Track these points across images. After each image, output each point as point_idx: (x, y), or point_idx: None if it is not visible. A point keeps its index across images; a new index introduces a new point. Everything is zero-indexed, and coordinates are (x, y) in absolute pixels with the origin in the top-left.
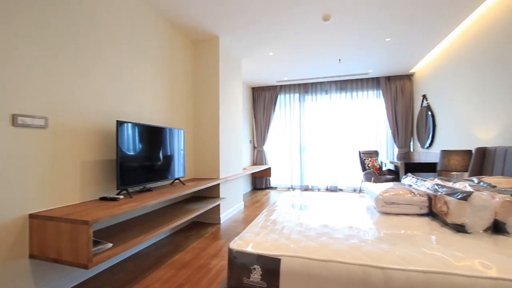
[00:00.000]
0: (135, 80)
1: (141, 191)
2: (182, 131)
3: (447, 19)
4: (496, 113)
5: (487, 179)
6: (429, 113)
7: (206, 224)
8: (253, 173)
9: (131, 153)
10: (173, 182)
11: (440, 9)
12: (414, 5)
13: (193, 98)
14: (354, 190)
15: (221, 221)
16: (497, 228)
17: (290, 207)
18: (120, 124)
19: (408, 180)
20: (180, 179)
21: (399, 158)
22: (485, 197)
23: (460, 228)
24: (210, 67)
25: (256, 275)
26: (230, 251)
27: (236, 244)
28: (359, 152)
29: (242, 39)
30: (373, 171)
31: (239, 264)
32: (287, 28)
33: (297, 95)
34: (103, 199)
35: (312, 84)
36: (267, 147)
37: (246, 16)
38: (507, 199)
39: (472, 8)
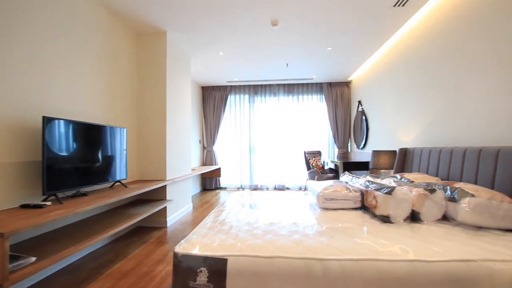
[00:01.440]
0: (69, 72)
1: (74, 196)
2: (124, 129)
3: (377, 35)
4: (415, 119)
5: (407, 175)
6: (363, 117)
7: (152, 228)
8: (202, 174)
9: (63, 153)
10: (113, 184)
11: (372, 27)
12: (350, 20)
13: (137, 95)
14: (300, 188)
15: (168, 225)
16: (414, 217)
17: (239, 206)
18: (48, 120)
19: (345, 177)
20: (122, 181)
21: (338, 157)
22: (405, 191)
23: (385, 219)
24: (156, 63)
25: (202, 278)
26: (175, 255)
27: (182, 248)
28: (304, 152)
29: (192, 36)
30: (316, 170)
31: (185, 267)
32: (237, 29)
33: (247, 96)
34: (25, 206)
35: (261, 86)
36: (217, 147)
37: (195, 14)
38: (421, 192)
39: (397, 27)
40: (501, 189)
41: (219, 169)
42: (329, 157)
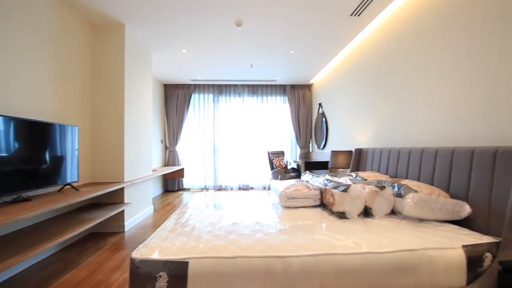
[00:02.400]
0: (8, 63)
1: (14, 202)
2: (76, 127)
3: (336, 42)
4: (369, 121)
5: (361, 173)
6: (324, 119)
7: (107, 234)
8: (164, 175)
9: (1, 154)
10: (62, 188)
11: (331, 34)
12: (311, 26)
13: (91, 90)
14: (264, 188)
15: (126, 229)
16: (366, 212)
17: (202, 207)
18: None
19: (306, 177)
20: (73, 184)
21: (300, 157)
22: (359, 188)
23: (342, 215)
24: (113, 57)
25: (161, 283)
26: (132, 261)
27: (140, 253)
28: (268, 152)
29: (153, 31)
30: (279, 169)
31: (143, 274)
32: (200, 27)
33: (211, 96)
34: None
35: (226, 86)
36: (180, 148)
37: (156, 8)
38: (373, 189)
39: (354, 35)
40: (439, 185)
41: (182, 169)
42: (292, 157)
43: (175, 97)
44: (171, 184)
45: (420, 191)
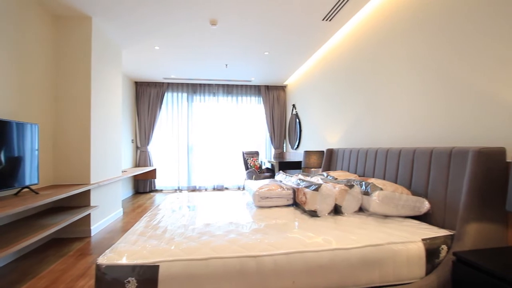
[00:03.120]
0: None
1: None
2: (36, 126)
3: (309, 45)
4: (339, 123)
5: (332, 173)
6: (297, 120)
7: (72, 239)
8: (135, 176)
9: None
10: (19, 191)
11: (304, 37)
12: (285, 28)
13: (54, 86)
14: (239, 188)
15: (93, 234)
16: (336, 210)
17: (175, 209)
18: None
19: (280, 176)
20: (32, 187)
21: (275, 157)
22: (329, 187)
23: (313, 214)
24: (79, 52)
25: None
26: (98, 267)
27: (106, 258)
28: (243, 152)
29: (123, 26)
30: (254, 169)
31: (110, 280)
32: (174, 24)
33: (185, 95)
34: None
35: (200, 85)
36: (152, 148)
37: (125, 2)
38: (343, 188)
39: (326, 39)
40: (402, 183)
41: (154, 170)
42: (266, 157)
43: (147, 96)
44: (143, 185)
45: (385, 189)
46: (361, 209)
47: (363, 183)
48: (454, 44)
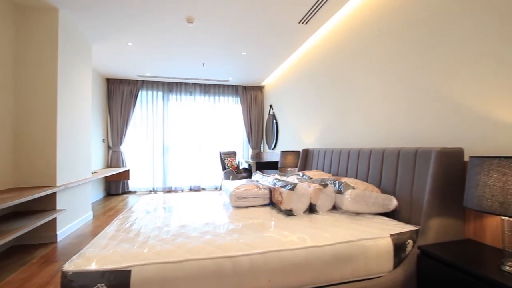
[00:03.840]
0: None
1: None
2: None
3: (285, 47)
4: (315, 123)
5: (307, 172)
6: (274, 120)
7: (36, 246)
8: (106, 177)
9: None
10: None
11: (280, 39)
12: (262, 29)
13: (15, 81)
14: (216, 189)
15: (59, 239)
16: (311, 209)
17: (150, 211)
18: None
19: (257, 176)
20: None
21: (252, 157)
22: (305, 186)
23: (289, 213)
24: (44, 44)
25: None
26: (64, 274)
27: (74, 265)
28: (220, 152)
29: (93, 20)
30: (231, 170)
31: None
32: (148, 20)
33: (160, 93)
34: None
35: (177, 83)
36: (125, 147)
37: None
38: (317, 187)
39: (301, 42)
40: (373, 181)
41: (127, 171)
42: (244, 157)
43: (120, 93)
44: (115, 187)
45: (357, 187)
46: (334, 207)
47: (337, 182)
48: (418, 52)
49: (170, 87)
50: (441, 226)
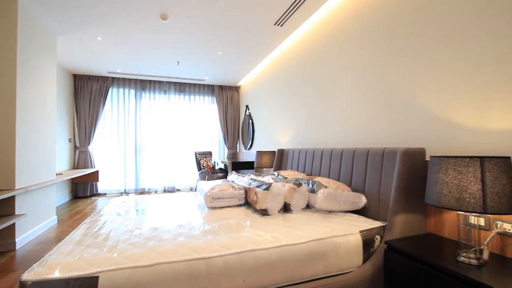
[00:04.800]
0: None
1: None
2: None
3: (261, 48)
4: (290, 124)
5: (282, 172)
6: (250, 121)
7: None
8: (73, 179)
9: None
10: None
11: (256, 40)
12: (238, 29)
13: None
14: (191, 189)
15: (18, 246)
16: (286, 208)
17: (121, 213)
18: None
19: (232, 177)
20: None
21: (228, 157)
22: (279, 186)
23: (264, 212)
24: (1, 37)
25: None
26: (23, 284)
27: (33, 273)
28: (195, 152)
29: (57, 10)
30: (207, 170)
31: None
32: (118, 14)
33: (133, 91)
34: None
35: (150, 81)
36: (94, 148)
37: None
38: (291, 186)
39: (277, 44)
40: (344, 180)
41: (96, 172)
42: (220, 158)
43: (88, 90)
44: (82, 189)
45: (329, 186)
46: (308, 206)
47: (310, 181)
48: (386, 59)
49: (143, 85)
50: (405, 221)
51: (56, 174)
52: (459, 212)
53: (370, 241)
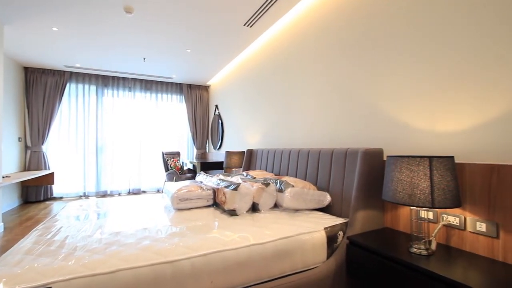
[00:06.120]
0: None
1: None
2: None
3: (230, 49)
4: (259, 124)
5: (251, 172)
6: (220, 120)
7: None
8: (23, 182)
9: None
10: None
11: (225, 39)
12: (207, 28)
13: None
14: (158, 191)
15: None
16: (254, 208)
17: (78, 218)
18: None
19: (201, 177)
20: None
21: (197, 158)
22: (248, 186)
23: (232, 213)
24: None
25: None
26: None
27: None
28: (163, 153)
29: None
30: (175, 171)
31: None
32: (77, 4)
33: (94, 88)
34: None
35: (113, 78)
36: (48, 147)
37: None
38: (260, 186)
39: (246, 44)
40: (310, 179)
41: (51, 174)
42: (188, 158)
43: (42, 85)
44: (35, 193)
45: (296, 185)
46: (276, 205)
47: (278, 181)
48: (348, 63)
49: (105, 81)
50: (365, 217)
51: (3, 177)
52: (411, 207)
53: (334, 237)
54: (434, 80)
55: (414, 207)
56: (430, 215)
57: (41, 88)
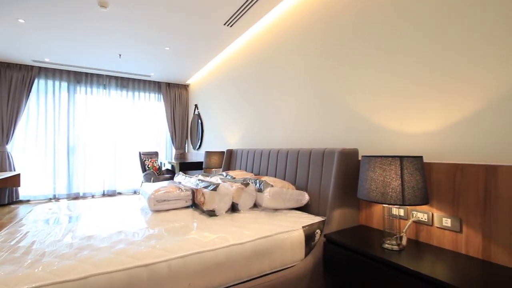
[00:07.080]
0: None
1: None
2: None
3: (210, 48)
4: (239, 124)
5: (231, 172)
6: (199, 120)
7: None
8: None
9: None
10: None
11: (205, 39)
12: (187, 26)
13: None
14: (135, 192)
15: None
16: (233, 208)
17: (47, 222)
18: None
19: (179, 178)
20: None
21: (176, 158)
22: (227, 186)
23: (212, 213)
24: None
25: None
26: None
27: None
28: (140, 153)
29: None
30: (153, 171)
31: None
32: None
33: (65, 84)
34: None
35: (87, 74)
36: (14, 147)
37: None
38: (239, 186)
39: (226, 44)
40: (289, 179)
41: (17, 176)
42: (167, 158)
43: (7, 80)
44: None
45: (275, 185)
46: (255, 205)
47: (257, 181)
48: (327, 66)
49: (78, 77)
50: (341, 215)
51: None
52: (384, 205)
53: (311, 235)
54: (404, 84)
55: (387, 205)
56: (401, 212)
57: (5, 84)
